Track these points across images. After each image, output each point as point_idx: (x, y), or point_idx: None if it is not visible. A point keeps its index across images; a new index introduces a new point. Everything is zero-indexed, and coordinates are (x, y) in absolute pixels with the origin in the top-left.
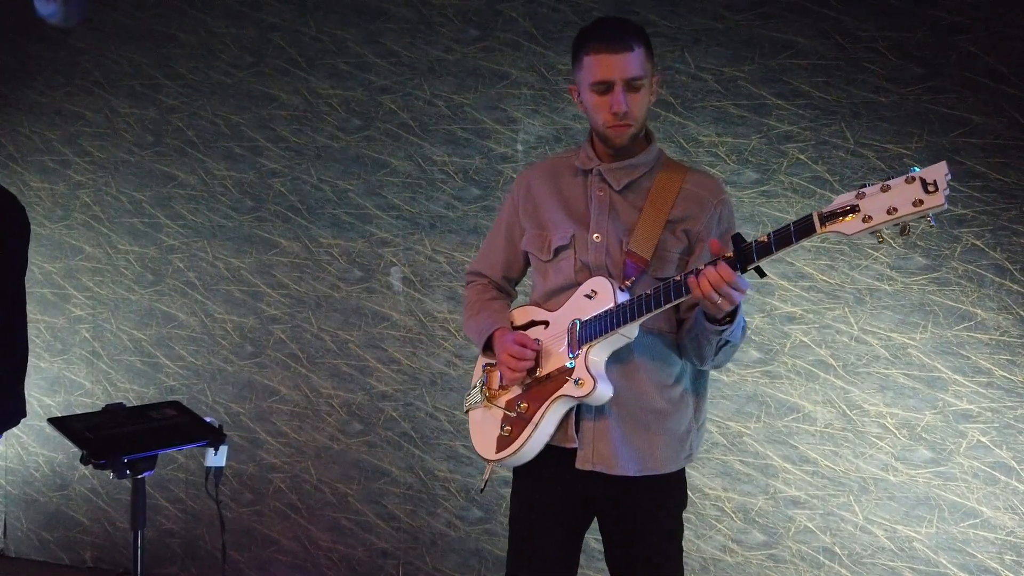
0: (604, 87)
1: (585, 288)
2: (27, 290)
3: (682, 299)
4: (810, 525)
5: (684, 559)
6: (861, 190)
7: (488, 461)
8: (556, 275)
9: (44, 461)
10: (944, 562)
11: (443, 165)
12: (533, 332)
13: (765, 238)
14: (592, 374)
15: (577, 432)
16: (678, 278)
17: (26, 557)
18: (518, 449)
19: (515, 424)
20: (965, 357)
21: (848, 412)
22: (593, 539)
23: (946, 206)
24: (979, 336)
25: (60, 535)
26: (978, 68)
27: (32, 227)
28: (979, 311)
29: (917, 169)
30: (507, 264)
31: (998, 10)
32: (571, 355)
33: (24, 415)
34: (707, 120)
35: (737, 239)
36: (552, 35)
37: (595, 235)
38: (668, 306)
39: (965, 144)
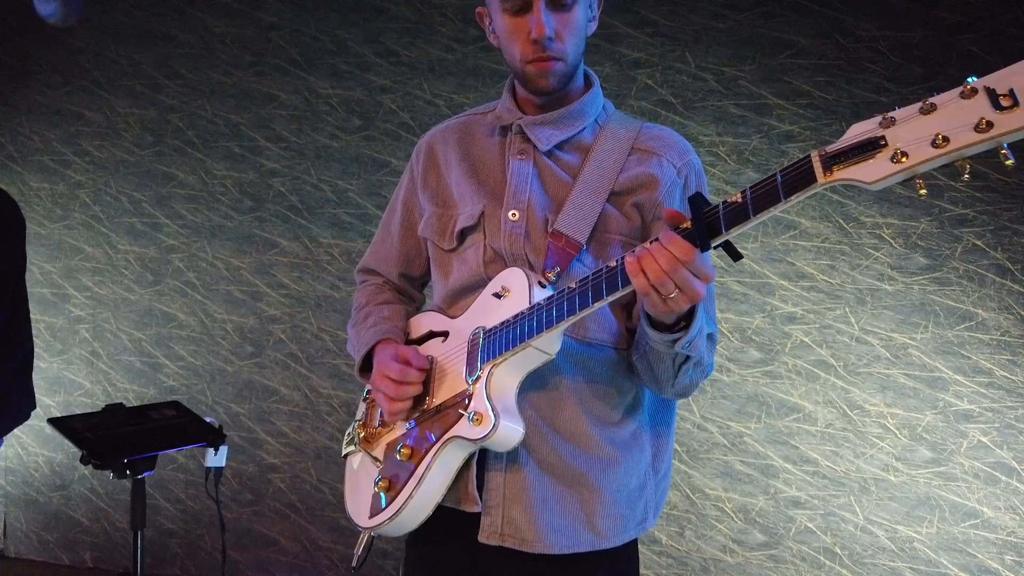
0: (519, 3)
1: (494, 285)
2: (27, 290)
3: (622, 292)
4: (811, 525)
5: (685, 560)
6: (888, 114)
7: (362, 529)
8: (460, 268)
9: (44, 461)
10: (945, 562)
11: None
12: (429, 347)
13: (739, 197)
14: (494, 406)
15: (481, 490)
16: (612, 264)
17: (26, 557)
18: (396, 512)
19: (393, 478)
20: (966, 357)
21: (849, 412)
22: None
23: None
24: (980, 336)
25: (60, 535)
26: (978, 68)
27: (32, 227)
28: (980, 311)
29: (974, 79)
30: (405, 257)
31: (998, 10)
32: (469, 378)
33: (34, 407)
34: (708, 120)
35: (697, 201)
36: None
37: (511, 212)
38: (600, 304)
39: None
